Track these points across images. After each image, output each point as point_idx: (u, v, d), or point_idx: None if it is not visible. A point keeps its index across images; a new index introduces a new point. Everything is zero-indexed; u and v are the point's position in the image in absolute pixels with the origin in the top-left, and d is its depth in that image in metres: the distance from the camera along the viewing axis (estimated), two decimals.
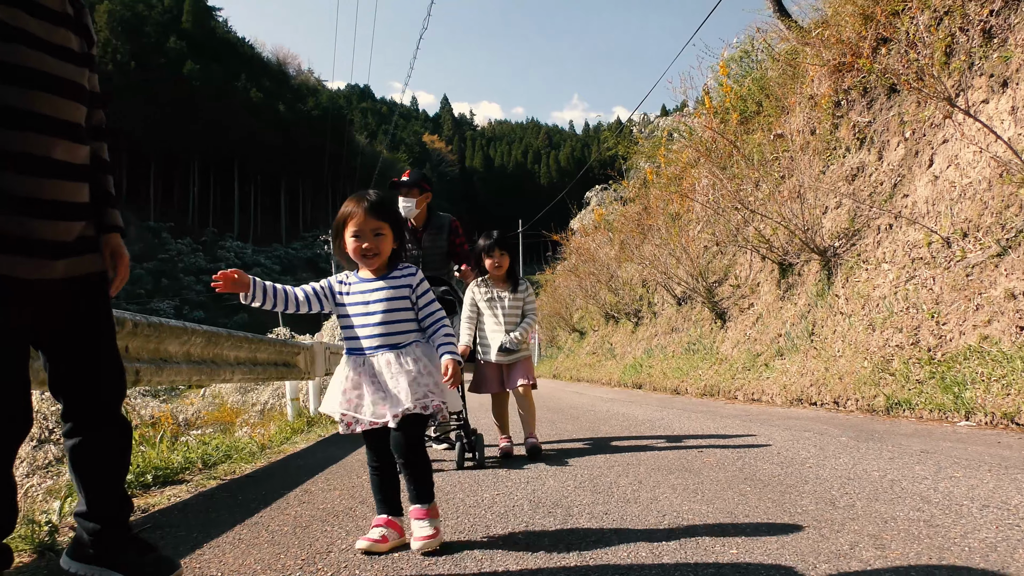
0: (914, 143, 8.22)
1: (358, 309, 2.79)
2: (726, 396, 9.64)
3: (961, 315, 6.18)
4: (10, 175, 1.99)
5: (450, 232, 5.86)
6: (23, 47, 2.02)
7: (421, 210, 5.74)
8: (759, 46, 14.59)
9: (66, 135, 2.12)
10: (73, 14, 2.24)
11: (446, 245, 5.85)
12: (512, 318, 5.14)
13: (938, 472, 3.46)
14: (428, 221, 5.80)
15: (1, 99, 1.98)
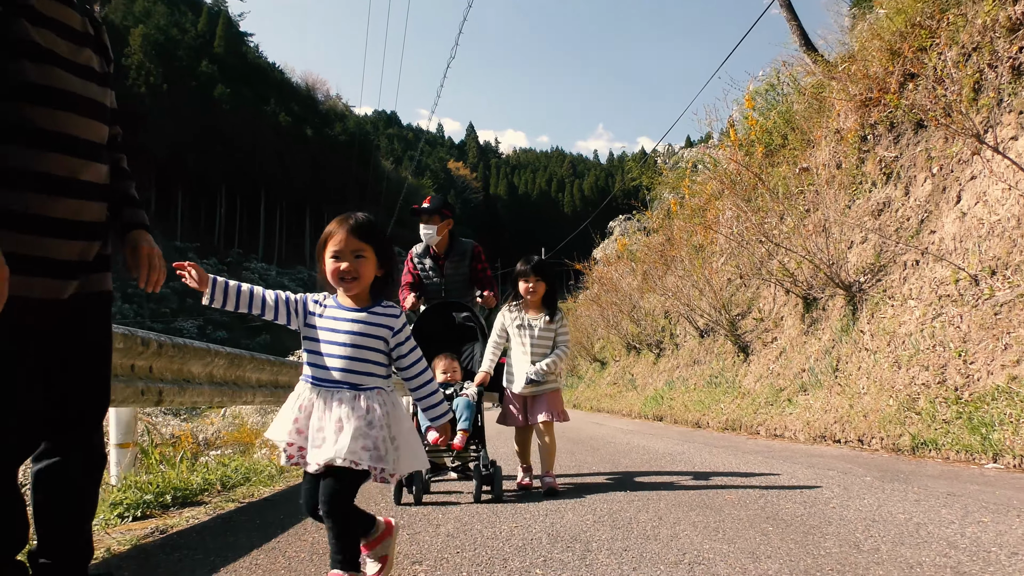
0: (941, 179, 8.16)
1: (326, 336, 2.53)
2: (748, 431, 9.53)
3: (989, 354, 6.09)
4: (33, 195, 1.99)
5: (472, 258, 5.74)
6: (56, 68, 2.03)
7: (443, 237, 5.64)
8: (785, 79, 14.60)
9: (90, 156, 2.14)
10: (93, 33, 2.26)
11: (468, 271, 5.73)
12: (541, 348, 4.94)
13: (965, 516, 3.39)
14: (450, 248, 5.71)
15: (32, 120, 1.98)
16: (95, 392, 2.25)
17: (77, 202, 2.09)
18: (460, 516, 3.94)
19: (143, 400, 4.61)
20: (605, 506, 4.10)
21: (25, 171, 1.96)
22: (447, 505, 4.29)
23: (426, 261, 5.78)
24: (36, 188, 1.98)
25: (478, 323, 5.28)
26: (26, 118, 1.98)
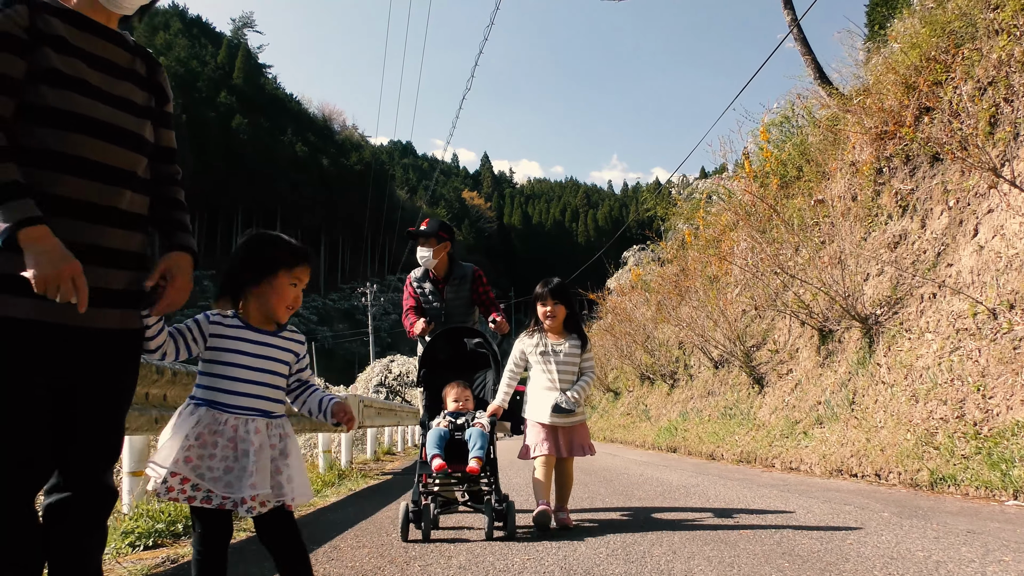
0: (958, 212, 8.12)
1: (238, 359, 2.37)
2: (763, 464, 9.43)
3: (1008, 389, 6.02)
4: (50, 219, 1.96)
5: (473, 281, 5.58)
6: (76, 95, 2.04)
7: (440, 260, 5.47)
8: (800, 112, 14.65)
9: (116, 181, 2.12)
10: (145, 73, 2.31)
11: (469, 295, 5.57)
12: (568, 374, 4.66)
13: (986, 555, 3.33)
14: (450, 271, 5.54)
15: (45, 142, 1.99)
16: (106, 437, 2.17)
17: (95, 227, 2.07)
18: (472, 547, 3.91)
19: (157, 428, 4.62)
20: (619, 539, 4.05)
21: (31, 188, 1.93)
22: (456, 542, 4.12)
23: (425, 285, 5.60)
24: (48, 210, 1.94)
25: (491, 349, 5.03)
26: (38, 139, 1.99)
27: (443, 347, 5.02)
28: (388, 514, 5.44)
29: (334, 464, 9.63)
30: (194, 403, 2.33)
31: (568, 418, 4.59)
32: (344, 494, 7.22)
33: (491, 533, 4.17)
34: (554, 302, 4.66)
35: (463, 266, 5.62)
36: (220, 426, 2.28)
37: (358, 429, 11.31)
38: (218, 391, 2.33)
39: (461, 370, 4.97)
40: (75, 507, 2.06)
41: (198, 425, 2.27)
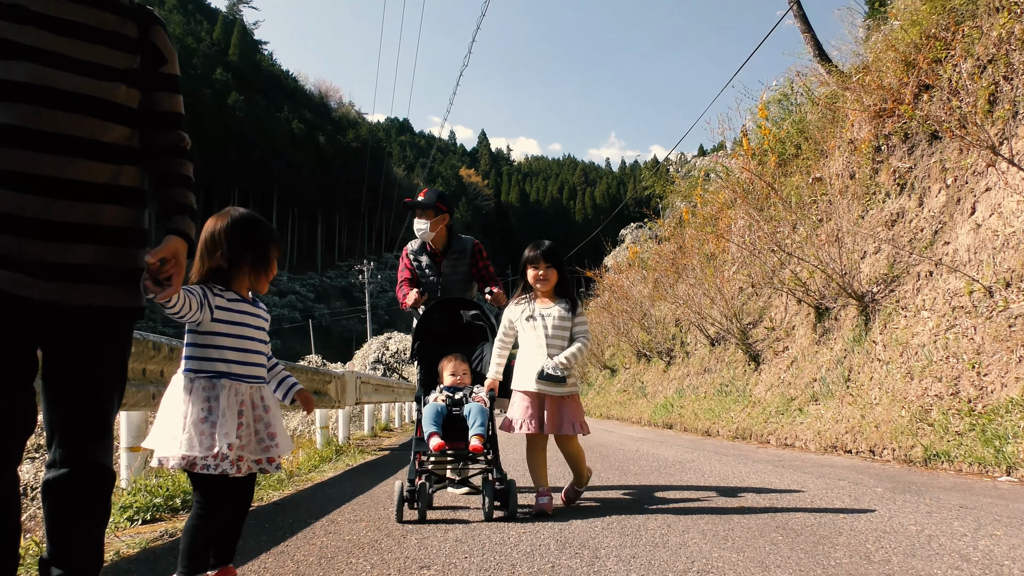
0: (956, 190, 8.12)
1: (235, 330, 2.48)
2: (758, 440, 9.49)
3: (1003, 367, 6.05)
4: (4, 193, 1.90)
5: (473, 255, 5.36)
6: (30, 63, 1.94)
7: (439, 232, 5.25)
8: (798, 89, 14.57)
9: (64, 151, 1.99)
10: (136, 34, 2.17)
11: (468, 269, 5.36)
12: (558, 340, 4.29)
13: (978, 529, 3.36)
14: (448, 245, 5.33)
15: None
16: (89, 414, 2.08)
17: (55, 201, 1.97)
18: (468, 518, 3.94)
19: (154, 404, 4.63)
20: (614, 513, 4.08)
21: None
22: (454, 523, 3.89)
23: (423, 258, 5.39)
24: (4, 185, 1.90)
25: (488, 322, 4.78)
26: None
27: (438, 319, 4.80)
28: (385, 489, 5.48)
29: (331, 440, 9.67)
30: (206, 376, 2.39)
31: (557, 387, 4.21)
32: (341, 469, 7.26)
33: (490, 514, 3.96)
34: (546, 265, 4.35)
35: (462, 239, 5.39)
36: (241, 396, 2.42)
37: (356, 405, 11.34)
38: (233, 363, 2.44)
39: (457, 343, 4.75)
40: (68, 484, 2.04)
41: (195, 396, 2.35)
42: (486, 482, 4.06)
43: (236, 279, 2.52)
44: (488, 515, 3.96)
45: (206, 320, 2.40)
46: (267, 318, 2.64)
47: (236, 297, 2.50)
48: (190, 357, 2.42)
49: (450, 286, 5.31)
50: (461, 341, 4.81)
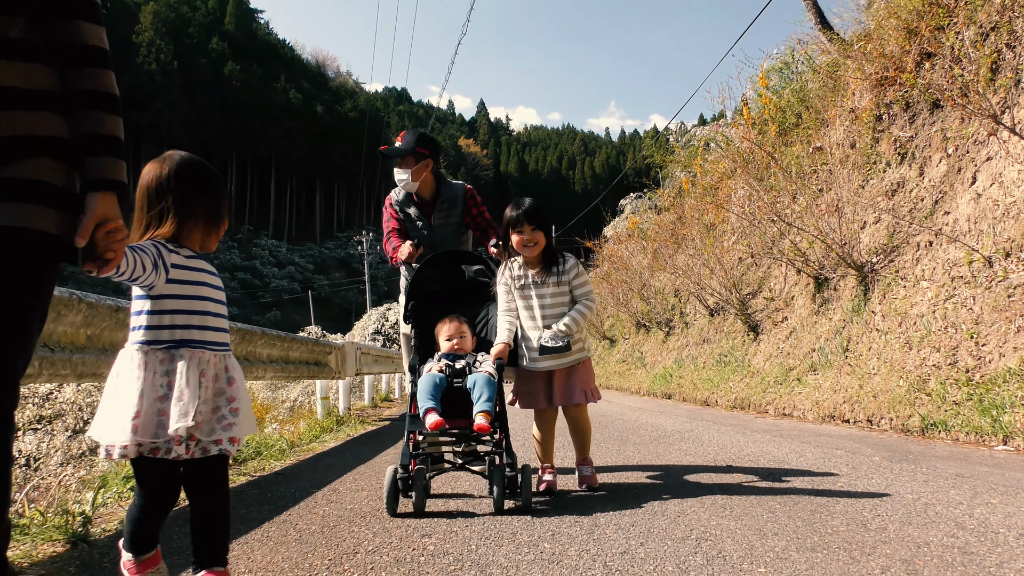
0: (957, 160, 8.08)
1: (194, 291, 2.12)
2: (757, 410, 9.54)
3: (1002, 336, 6.07)
4: None
5: (465, 202, 4.77)
6: None
7: (424, 180, 4.65)
8: (800, 58, 14.45)
9: None
10: None
11: (460, 219, 4.78)
12: (556, 309, 3.87)
13: (974, 497, 3.39)
14: (437, 192, 4.72)
15: None
16: None
17: None
18: (469, 490, 3.97)
19: None
20: (612, 482, 4.12)
21: None
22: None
23: (409, 209, 4.78)
24: None
25: (494, 278, 4.11)
26: None
27: (436, 275, 4.13)
28: (386, 458, 5.52)
29: (332, 411, 9.72)
30: (163, 347, 2.04)
31: (562, 358, 3.82)
32: (342, 440, 7.31)
33: (500, 505, 3.40)
34: (531, 228, 3.82)
35: (452, 185, 4.78)
36: (203, 366, 2.07)
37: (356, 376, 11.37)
38: (193, 329, 2.09)
39: (458, 304, 4.09)
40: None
41: (144, 370, 2.00)
42: (494, 468, 3.45)
43: (187, 233, 2.14)
44: (498, 506, 3.40)
45: (160, 283, 2.04)
46: (217, 274, 2.25)
47: (192, 254, 2.14)
48: (143, 327, 2.05)
49: (442, 239, 4.71)
50: (463, 301, 4.15)
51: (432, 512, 3.42)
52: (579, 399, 3.88)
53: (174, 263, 2.07)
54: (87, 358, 3.79)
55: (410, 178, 4.59)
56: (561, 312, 3.87)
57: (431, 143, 4.66)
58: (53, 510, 3.33)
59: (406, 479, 3.39)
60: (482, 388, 3.51)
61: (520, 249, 3.86)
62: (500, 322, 3.91)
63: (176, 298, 2.07)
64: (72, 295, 3.64)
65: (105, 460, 2.17)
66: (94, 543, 2.89)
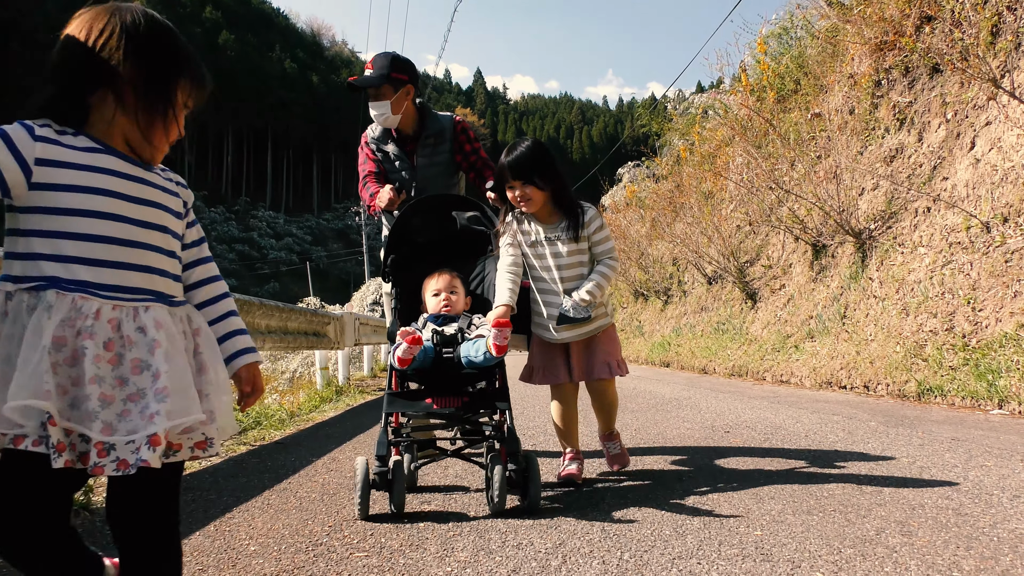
0: (956, 125, 8.04)
1: (104, 204, 1.39)
2: (754, 377, 9.58)
3: (998, 302, 6.08)
4: None
5: (455, 137, 4.04)
6: None
7: (405, 111, 3.90)
8: (799, 23, 14.32)
9: None
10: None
11: (449, 157, 4.05)
12: (573, 271, 3.30)
13: (969, 460, 3.42)
14: (420, 126, 3.99)
15: None
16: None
17: None
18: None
19: None
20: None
21: None
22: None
23: (388, 147, 4.05)
24: None
25: (492, 226, 3.44)
26: None
27: (422, 224, 3.43)
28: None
29: (331, 381, 9.75)
30: (27, 287, 1.32)
31: (583, 327, 3.30)
32: (342, 409, 7.34)
33: (501, 506, 2.73)
34: (521, 183, 3.22)
35: (439, 117, 4.05)
36: (87, 322, 1.32)
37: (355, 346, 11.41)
38: (74, 261, 1.35)
39: (449, 259, 3.39)
40: None
41: (52, 323, 1.30)
42: (494, 458, 2.79)
43: (100, 114, 1.43)
44: (497, 507, 2.73)
45: (18, 185, 1.33)
46: (172, 191, 1.55)
47: (96, 146, 1.41)
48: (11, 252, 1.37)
49: (428, 182, 4.01)
50: (454, 256, 3.46)
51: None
52: (603, 372, 3.33)
53: (44, 158, 1.34)
54: None
55: (390, 111, 3.84)
56: (580, 274, 3.32)
57: (408, 66, 3.92)
58: None
59: (383, 474, 2.74)
60: (476, 355, 2.86)
61: (515, 205, 3.30)
62: (500, 280, 3.20)
63: (45, 212, 1.35)
64: None
65: None
66: (96, 511, 2.92)
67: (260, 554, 2.32)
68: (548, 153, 3.32)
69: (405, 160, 4.01)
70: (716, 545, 2.21)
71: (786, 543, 2.22)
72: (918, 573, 1.91)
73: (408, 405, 3.02)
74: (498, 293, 3.17)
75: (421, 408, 3.02)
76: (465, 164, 4.08)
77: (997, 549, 2.09)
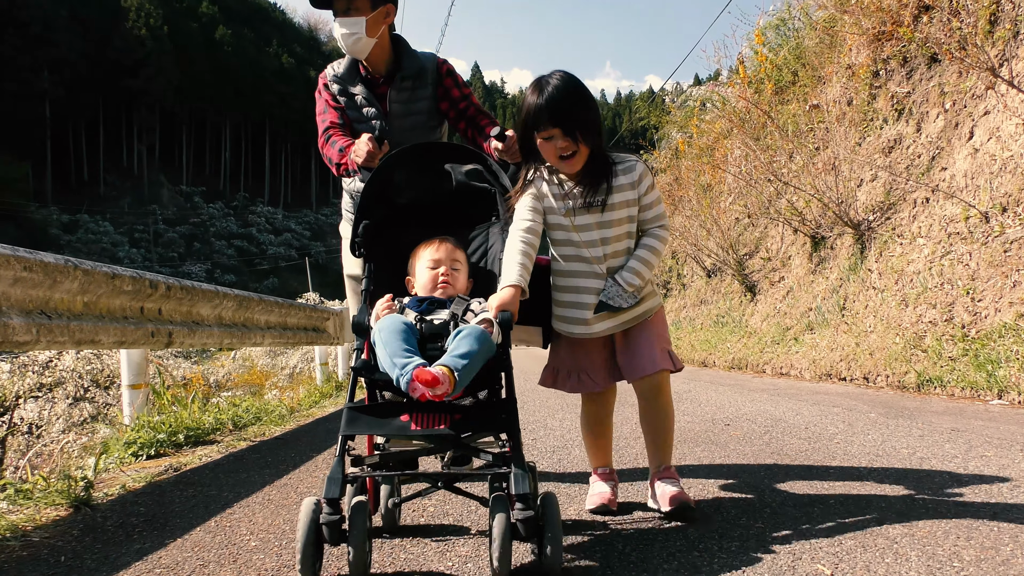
0: (954, 115, 8.03)
1: None
2: (754, 370, 9.59)
3: (997, 292, 6.08)
4: None
5: (439, 79, 3.25)
6: None
7: (380, 40, 3.11)
8: (796, 14, 14.29)
9: None
10: None
11: (432, 104, 3.25)
12: (621, 243, 2.53)
13: (968, 451, 3.42)
14: (395, 63, 3.20)
15: None
16: None
17: None
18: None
19: (153, 342, 4.65)
20: None
21: None
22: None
23: (354, 89, 3.22)
24: None
25: (497, 183, 2.64)
26: None
27: (407, 181, 2.66)
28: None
29: (331, 376, 9.76)
30: None
31: (626, 314, 2.54)
32: (342, 404, 7.34)
33: (505, 570, 1.84)
34: (562, 132, 2.39)
35: (418, 55, 3.26)
36: None
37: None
38: None
39: (441, 226, 2.63)
40: None
41: None
42: (497, 503, 1.90)
43: None
44: (502, 569, 1.84)
45: None
46: None
47: None
48: None
49: (404, 134, 3.14)
50: (448, 221, 2.68)
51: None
52: (661, 362, 2.50)
53: None
54: (84, 325, 3.80)
55: (363, 30, 3.03)
56: (627, 247, 2.56)
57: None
58: (56, 476, 3.36)
59: (335, 524, 1.88)
60: (464, 340, 2.08)
61: (552, 162, 2.50)
62: (510, 250, 2.39)
63: None
64: (68, 262, 3.63)
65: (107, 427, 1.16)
66: (96, 507, 2.92)
67: (261, 549, 2.32)
68: (590, 93, 2.51)
69: (376, 105, 3.19)
70: (717, 538, 2.21)
71: (787, 535, 2.22)
72: (919, 563, 1.91)
73: (375, 425, 2.12)
74: (505, 268, 2.34)
75: (393, 429, 2.08)
76: (453, 113, 3.28)
77: (997, 539, 2.09)
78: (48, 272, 3.46)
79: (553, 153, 2.43)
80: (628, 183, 2.53)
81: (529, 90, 2.49)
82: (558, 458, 3.70)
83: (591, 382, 2.60)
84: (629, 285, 2.48)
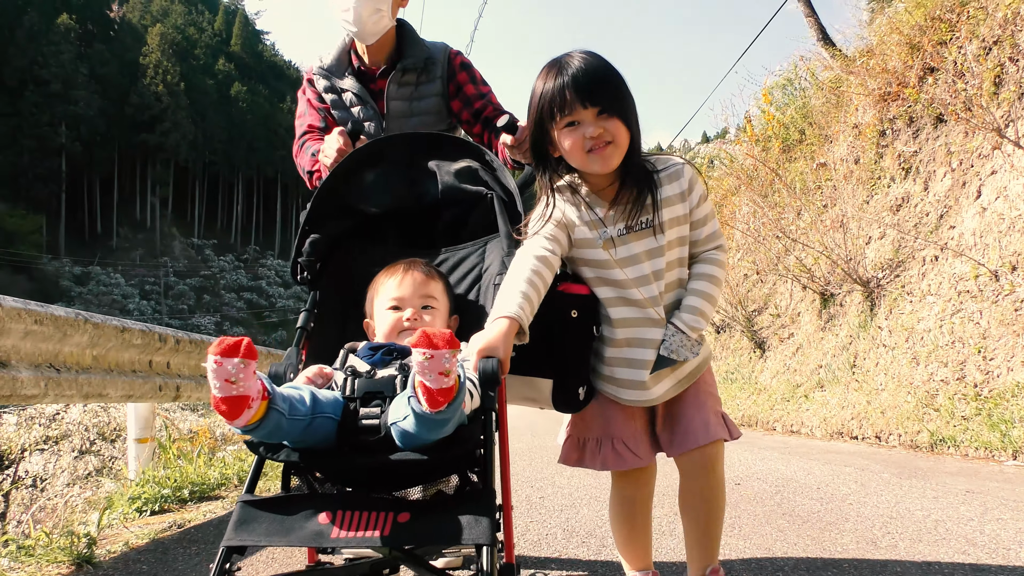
0: (961, 174, 8.08)
1: None
2: (764, 427, 9.49)
3: (1009, 350, 6.03)
4: None
5: (451, 73, 2.76)
6: None
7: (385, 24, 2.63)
8: (803, 74, 14.50)
9: None
10: None
11: (441, 101, 2.76)
12: (674, 273, 1.96)
13: (984, 513, 3.36)
14: (398, 52, 2.73)
15: None
16: None
17: None
18: None
19: (161, 396, 4.65)
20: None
21: None
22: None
23: (344, 83, 2.72)
24: None
25: (500, 186, 2.12)
26: None
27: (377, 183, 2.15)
28: None
29: None
30: None
31: (684, 369, 2.00)
32: None
33: None
34: (596, 114, 1.80)
35: (424, 44, 2.75)
36: None
37: None
38: None
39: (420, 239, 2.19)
40: None
41: None
42: None
43: None
44: None
45: None
46: None
47: None
48: None
49: (404, 123, 2.72)
50: (432, 234, 2.19)
51: None
52: (717, 430, 1.98)
53: None
54: (93, 378, 3.80)
55: (389, 8, 2.58)
56: (677, 281, 1.97)
57: None
58: (59, 531, 3.32)
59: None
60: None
61: (578, 159, 1.85)
62: (515, 274, 1.79)
63: None
64: (78, 315, 3.65)
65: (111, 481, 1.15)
66: (98, 564, 2.88)
67: None
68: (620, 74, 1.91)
69: (370, 102, 2.68)
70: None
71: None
72: None
73: (275, 531, 1.45)
74: (503, 294, 1.73)
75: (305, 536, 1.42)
76: (466, 113, 2.75)
77: None
78: (58, 325, 3.47)
79: (580, 146, 1.80)
80: (677, 193, 1.92)
81: (542, 74, 1.87)
82: (554, 547, 3.65)
83: (632, 456, 2.01)
84: (693, 331, 1.89)
